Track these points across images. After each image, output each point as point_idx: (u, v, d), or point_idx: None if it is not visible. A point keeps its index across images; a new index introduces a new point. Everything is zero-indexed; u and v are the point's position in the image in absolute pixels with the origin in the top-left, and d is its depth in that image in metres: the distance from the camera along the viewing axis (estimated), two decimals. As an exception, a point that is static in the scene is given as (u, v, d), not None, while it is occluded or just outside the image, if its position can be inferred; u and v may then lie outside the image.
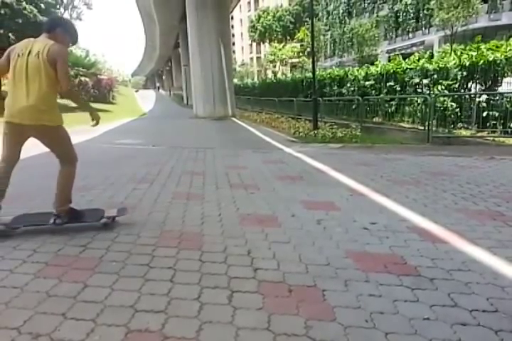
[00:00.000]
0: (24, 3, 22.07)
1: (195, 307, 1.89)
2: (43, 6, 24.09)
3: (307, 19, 41.23)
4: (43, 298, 1.98)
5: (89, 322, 1.77)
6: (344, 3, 44.43)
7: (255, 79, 42.36)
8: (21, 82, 2.72)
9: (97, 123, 3.09)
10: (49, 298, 1.99)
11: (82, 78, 26.76)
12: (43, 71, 2.70)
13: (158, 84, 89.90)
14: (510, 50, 9.46)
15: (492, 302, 1.90)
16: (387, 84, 12.73)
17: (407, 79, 11.87)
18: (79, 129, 7.97)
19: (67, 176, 3.01)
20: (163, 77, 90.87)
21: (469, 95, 9.81)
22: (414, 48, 31.18)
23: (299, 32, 48.04)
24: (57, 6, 29.16)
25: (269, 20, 58.58)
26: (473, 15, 23.87)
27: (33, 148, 3.31)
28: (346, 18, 43.68)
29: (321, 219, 3.21)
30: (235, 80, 37.05)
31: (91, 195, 4.08)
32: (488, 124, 8.87)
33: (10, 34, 21.91)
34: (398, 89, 12.25)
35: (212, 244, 2.70)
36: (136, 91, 60.29)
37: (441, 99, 9.60)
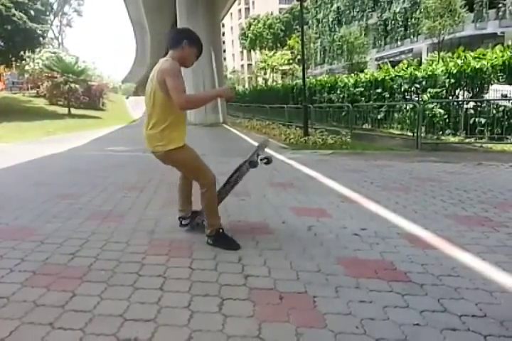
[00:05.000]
0: (13, 9, 21.98)
1: (185, 315, 1.87)
2: (32, 12, 24.03)
3: (297, 27, 41.68)
4: (31, 308, 1.95)
5: (77, 331, 1.74)
6: (334, 11, 45.08)
7: (246, 86, 42.54)
8: (147, 110, 2.75)
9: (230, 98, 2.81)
10: (36, 307, 1.96)
11: (72, 85, 26.66)
12: (153, 95, 2.61)
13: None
14: (495, 58, 9.64)
15: (481, 307, 1.91)
16: (377, 92, 12.87)
17: (395, 87, 12.02)
18: (67, 137, 7.90)
19: (203, 199, 2.84)
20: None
21: (457, 102, 9.95)
22: (403, 56, 31.64)
23: (289, 40, 48.51)
24: (48, 13, 29.12)
25: (260, 28, 59.05)
26: (460, 24, 24.35)
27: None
28: (336, 26, 44.27)
29: (311, 225, 3.21)
30: (226, 87, 37.03)
31: (79, 203, 4.04)
32: (475, 131, 8.99)
33: (-2, 40, 21.80)
34: (387, 96, 12.39)
35: (202, 252, 2.69)
36: (127, 98, 60.05)
37: (430, 106, 9.72)
